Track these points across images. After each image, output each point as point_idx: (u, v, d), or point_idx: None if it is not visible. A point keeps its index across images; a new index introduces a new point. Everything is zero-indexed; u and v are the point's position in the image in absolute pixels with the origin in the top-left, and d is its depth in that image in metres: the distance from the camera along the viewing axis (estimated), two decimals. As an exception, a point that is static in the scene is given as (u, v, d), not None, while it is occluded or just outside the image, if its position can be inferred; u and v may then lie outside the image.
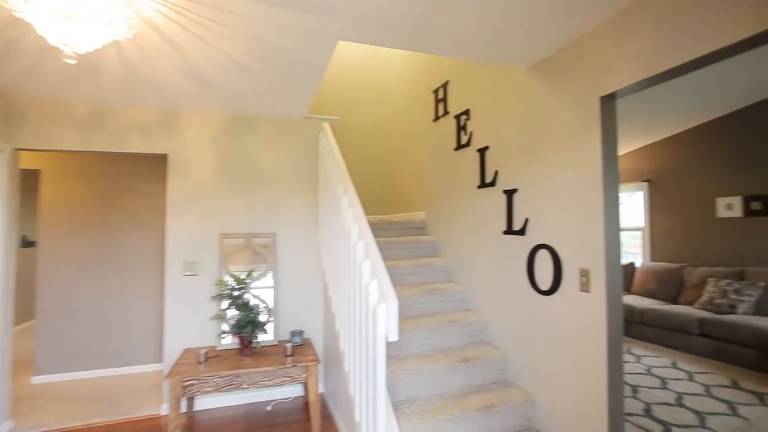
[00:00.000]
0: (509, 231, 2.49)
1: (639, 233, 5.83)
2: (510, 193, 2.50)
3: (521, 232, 2.38)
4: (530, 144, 2.35)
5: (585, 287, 1.91)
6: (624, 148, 5.84)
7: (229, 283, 2.92)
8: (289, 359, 2.67)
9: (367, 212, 4.41)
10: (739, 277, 4.35)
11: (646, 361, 3.86)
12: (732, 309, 4.06)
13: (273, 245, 3.27)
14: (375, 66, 5.07)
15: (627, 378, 3.39)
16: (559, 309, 2.10)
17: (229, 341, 2.98)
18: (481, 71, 2.88)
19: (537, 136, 2.29)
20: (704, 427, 2.61)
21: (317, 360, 2.69)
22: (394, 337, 1.59)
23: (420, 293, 2.94)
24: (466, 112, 3.06)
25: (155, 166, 3.90)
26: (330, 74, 4.71)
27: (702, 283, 4.55)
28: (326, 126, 3.19)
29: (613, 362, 1.83)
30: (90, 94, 2.71)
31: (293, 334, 3.06)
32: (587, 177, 1.93)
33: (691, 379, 3.41)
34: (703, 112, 4.74)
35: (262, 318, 2.89)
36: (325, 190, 3.08)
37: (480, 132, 2.90)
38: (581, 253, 1.95)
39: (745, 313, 3.98)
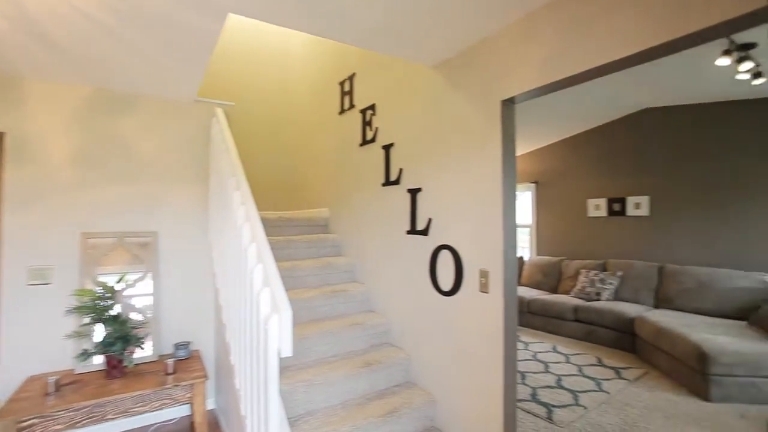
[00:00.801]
0: (413, 231, 2.47)
1: (527, 230, 6.41)
2: (414, 192, 2.48)
3: (424, 232, 2.37)
4: (435, 143, 2.34)
5: (484, 288, 1.95)
6: (516, 151, 6.34)
7: (95, 291, 2.43)
8: (171, 378, 2.32)
9: (267, 208, 4.12)
10: (603, 268, 5.01)
11: (532, 348, 4.23)
12: (598, 296, 4.66)
13: (154, 246, 2.82)
14: (279, 50, 4.72)
15: (517, 366, 3.66)
16: (459, 310, 2.12)
17: (95, 362, 2.49)
18: (388, 65, 2.81)
19: (441, 135, 2.29)
20: (577, 404, 2.91)
21: (205, 376, 2.38)
22: (287, 352, 1.42)
23: (322, 295, 2.78)
24: (372, 107, 2.98)
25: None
26: (226, 55, 4.26)
27: (576, 275, 5.16)
28: (219, 112, 2.84)
29: (509, 359, 1.90)
30: None
31: (178, 347, 2.68)
32: (488, 179, 1.96)
33: (567, 361, 3.81)
34: (584, 122, 5.35)
35: (138, 331, 2.47)
36: (217, 184, 2.74)
37: (386, 128, 2.83)
38: (481, 254, 1.98)
39: (607, 300, 4.59)
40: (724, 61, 2.69)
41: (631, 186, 5.05)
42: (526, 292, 5.30)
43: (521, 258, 6.10)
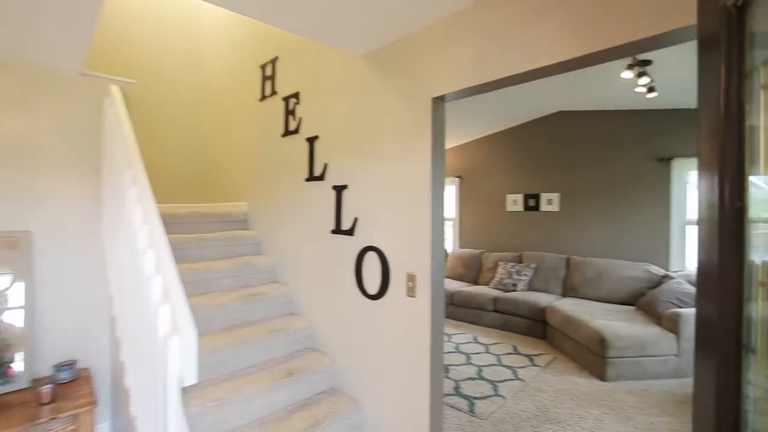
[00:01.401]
0: (338, 230, 2.34)
1: (450, 223, 6.61)
2: (339, 189, 2.34)
3: (350, 232, 2.25)
4: (362, 138, 2.22)
5: (411, 292, 1.89)
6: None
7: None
8: (47, 409, 1.94)
9: (177, 201, 3.69)
10: (519, 260, 5.34)
11: (455, 339, 4.36)
12: (514, 287, 4.96)
13: (27, 248, 2.34)
14: (190, 21, 4.21)
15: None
16: (386, 314, 2.05)
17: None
18: (314, 51, 2.61)
19: (369, 130, 2.18)
20: (497, 395, 3.04)
21: (94, 402, 2.03)
22: (192, 379, 1.22)
23: (239, 299, 2.54)
24: (296, 95, 2.77)
25: None
26: (125, 22, 3.70)
27: (495, 266, 5.44)
28: (115, 90, 2.41)
29: (435, 363, 1.88)
30: None
31: (59, 368, 2.27)
32: (416, 180, 1.90)
33: (487, 351, 3.99)
34: (505, 121, 5.60)
35: (2, 353, 2.03)
36: (110, 177, 2.35)
37: (310, 119, 2.65)
38: (409, 257, 1.92)
39: (522, 290, 4.91)
40: (627, 74, 2.94)
41: (545, 183, 5.43)
42: (449, 284, 5.46)
43: (445, 251, 6.29)
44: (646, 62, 2.97)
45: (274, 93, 3.04)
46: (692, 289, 3.61)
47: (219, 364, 2.16)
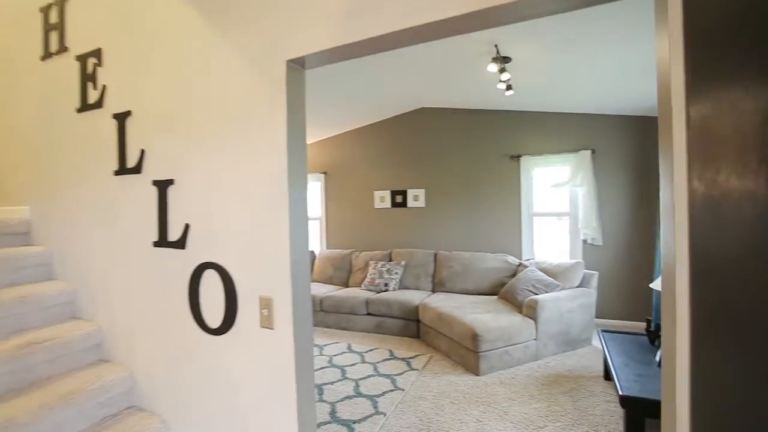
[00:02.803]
0: (163, 242, 1.68)
1: (317, 222, 6.18)
2: (163, 186, 1.69)
3: (180, 244, 1.63)
4: (193, 115, 1.61)
5: (267, 322, 1.40)
6: (306, 139, 5.99)
7: None
8: None
9: None
10: (390, 258, 5.23)
11: (328, 351, 3.95)
12: (386, 287, 4.80)
13: None
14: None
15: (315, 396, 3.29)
16: (236, 353, 1.51)
17: None
18: (119, -7, 1.87)
19: (203, 104, 1.59)
20: (377, 412, 2.74)
21: None
22: None
23: (6, 354, 1.66)
24: (97, 53, 1.96)
25: None
26: None
27: (365, 266, 5.21)
28: None
29: (304, 407, 1.42)
30: None
31: None
32: (269, 169, 1.41)
33: (363, 360, 3.69)
34: (370, 114, 5.40)
35: None
36: None
37: (119, 87, 1.89)
38: (262, 274, 1.42)
39: (394, 289, 4.78)
40: (492, 68, 2.94)
41: (411, 179, 5.41)
42: (318, 289, 5.03)
43: (312, 252, 5.83)
44: (507, 59, 3.03)
45: (63, 49, 2.14)
46: (544, 276, 3.92)
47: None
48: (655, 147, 4.07)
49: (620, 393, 2.14)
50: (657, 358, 2.55)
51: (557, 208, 4.76)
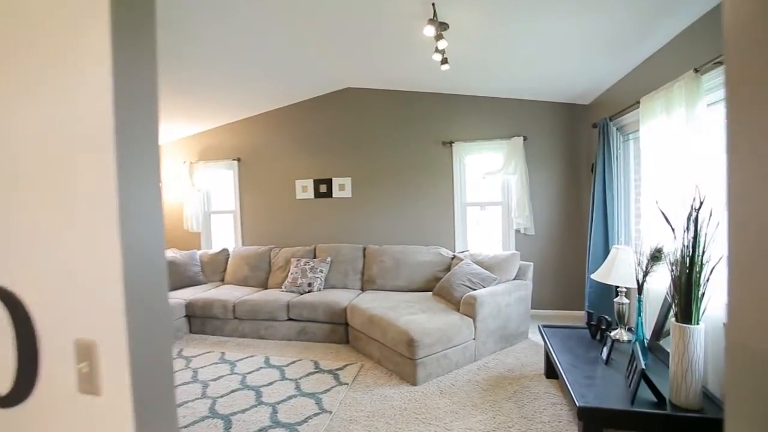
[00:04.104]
0: None
1: (230, 215, 5.40)
2: None
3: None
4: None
5: (89, 384, 0.81)
6: (214, 122, 5.16)
7: None
8: None
9: None
10: (314, 254, 4.67)
11: (240, 369, 3.30)
12: (310, 287, 4.25)
13: None
14: None
15: (221, 409, 2.65)
16: (36, 437, 0.89)
17: None
18: None
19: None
20: (298, 446, 2.23)
21: None
22: None
23: None
24: None
25: None
26: None
27: (286, 264, 4.60)
28: None
29: None
30: None
31: None
32: (77, 132, 0.81)
33: (283, 377, 3.12)
34: (288, 95, 4.74)
35: None
36: None
37: None
38: (77, 303, 0.83)
39: (319, 290, 4.25)
40: (429, 30, 2.53)
41: (336, 166, 4.89)
42: (231, 293, 4.31)
43: (226, 250, 5.05)
44: (444, 25, 2.64)
45: None
46: (480, 270, 3.67)
47: None
48: (582, 135, 3.96)
49: (577, 404, 1.88)
50: (603, 356, 2.37)
51: (490, 197, 4.58)
